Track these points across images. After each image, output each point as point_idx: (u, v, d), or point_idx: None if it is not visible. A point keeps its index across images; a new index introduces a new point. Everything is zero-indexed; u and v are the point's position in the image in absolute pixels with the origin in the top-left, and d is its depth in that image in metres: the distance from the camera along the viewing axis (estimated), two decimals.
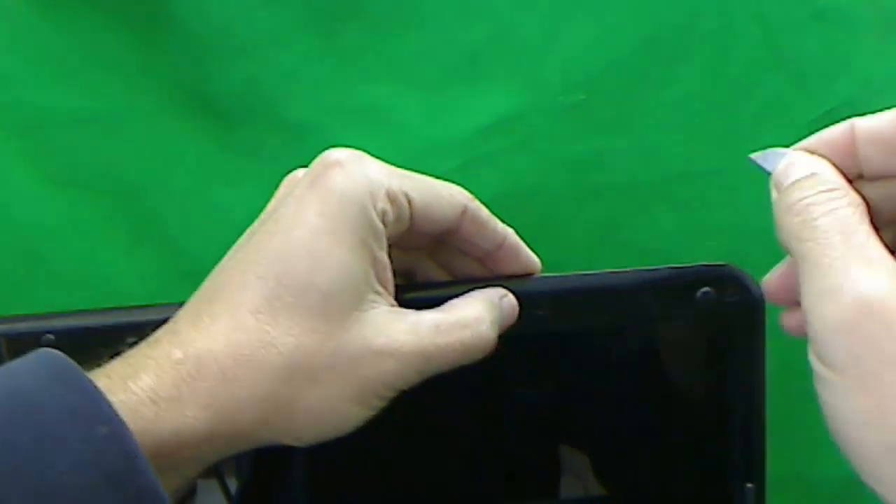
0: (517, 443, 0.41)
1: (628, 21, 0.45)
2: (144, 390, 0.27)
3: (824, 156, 0.28)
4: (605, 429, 0.42)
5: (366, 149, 0.33)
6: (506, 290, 0.34)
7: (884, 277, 0.24)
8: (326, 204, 0.30)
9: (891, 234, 0.28)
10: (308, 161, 0.32)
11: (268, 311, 0.29)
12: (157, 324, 0.30)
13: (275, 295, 0.29)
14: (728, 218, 0.45)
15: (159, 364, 0.28)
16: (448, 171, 0.44)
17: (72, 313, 0.39)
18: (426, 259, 0.36)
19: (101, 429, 0.25)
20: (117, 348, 0.30)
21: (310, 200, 0.30)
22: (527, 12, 0.45)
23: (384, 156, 0.34)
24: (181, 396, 0.28)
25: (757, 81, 0.44)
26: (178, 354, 0.28)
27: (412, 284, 0.35)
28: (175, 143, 0.46)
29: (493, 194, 0.44)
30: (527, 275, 0.35)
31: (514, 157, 0.45)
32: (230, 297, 0.30)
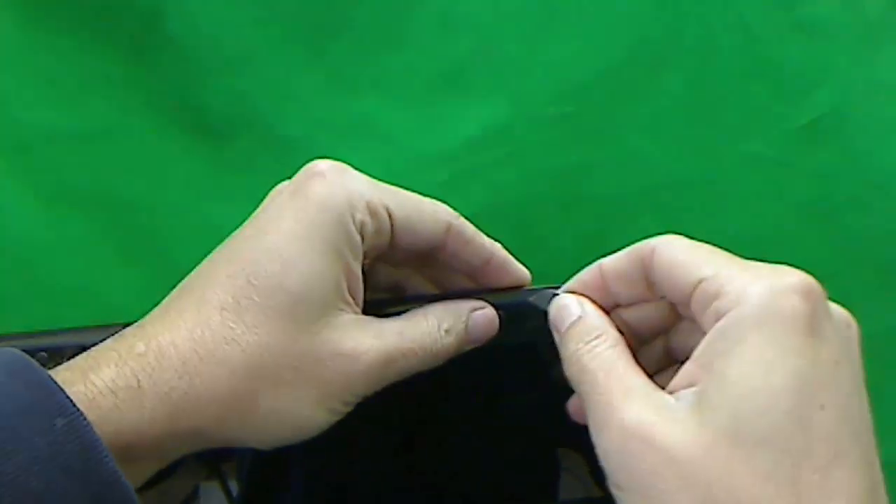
0: (515, 445, 0.41)
1: (612, 33, 0.45)
2: (104, 381, 0.27)
3: (585, 294, 0.32)
4: None
5: (355, 162, 0.33)
6: (484, 303, 0.34)
7: (640, 404, 0.27)
8: (304, 211, 0.30)
9: (660, 345, 0.32)
10: None
11: (234, 309, 0.29)
12: None
13: (243, 293, 0.29)
14: (714, 226, 0.45)
15: (121, 356, 0.28)
16: (436, 183, 0.45)
17: (65, 331, 0.39)
18: (416, 275, 0.36)
19: (59, 421, 0.25)
20: None
21: (288, 207, 0.31)
22: (511, 26, 0.45)
23: (373, 169, 0.34)
24: (140, 387, 0.28)
25: (740, 91, 0.45)
26: (140, 347, 0.28)
27: (382, 299, 0.35)
28: (166, 159, 0.46)
29: (481, 206, 0.44)
30: (517, 287, 0.35)
31: (502, 169, 0.45)
32: (199, 293, 0.30)
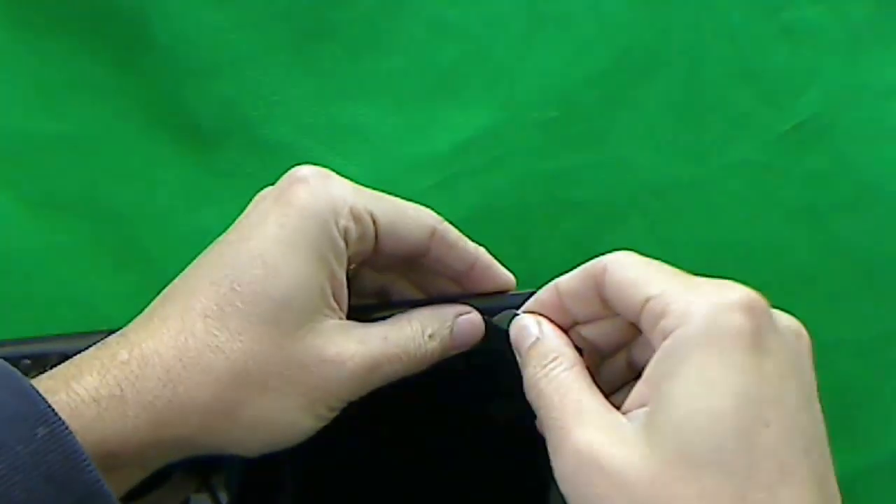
0: (505, 452, 0.41)
1: (600, 38, 0.45)
2: (87, 390, 0.27)
3: (544, 314, 0.32)
4: None
5: (343, 167, 0.33)
6: (470, 308, 0.34)
7: (592, 427, 0.28)
8: (287, 217, 0.30)
9: (623, 358, 0.32)
10: None
11: (217, 317, 0.29)
12: None
13: (226, 300, 0.29)
14: (702, 231, 0.45)
15: (104, 364, 0.28)
16: (425, 188, 0.45)
17: (49, 338, 0.38)
18: (401, 280, 0.36)
19: (41, 430, 0.25)
20: None
21: (271, 213, 0.30)
22: (500, 31, 0.45)
23: (362, 174, 0.34)
24: (123, 396, 0.27)
25: (727, 96, 0.45)
26: (124, 355, 0.28)
27: (366, 304, 0.35)
28: (154, 164, 0.46)
29: (470, 211, 0.45)
30: (501, 292, 0.35)
31: (490, 174, 0.45)
32: (182, 300, 0.30)
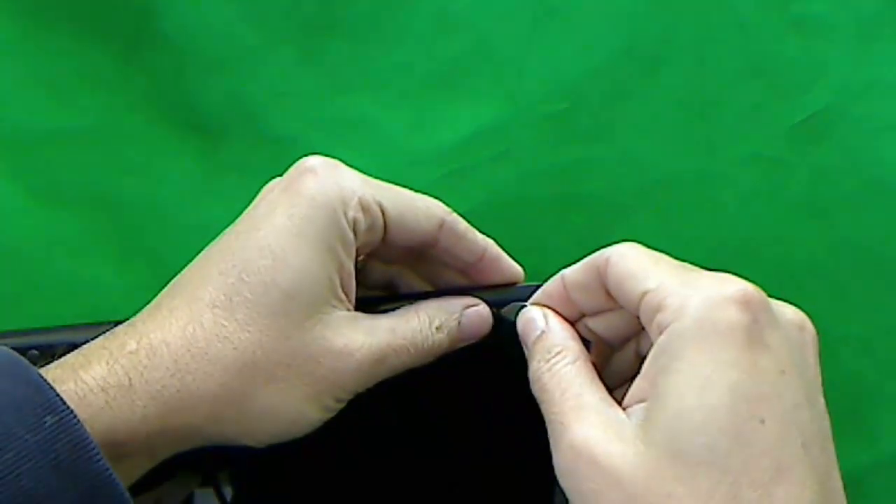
0: (512, 445, 0.41)
1: (607, 30, 0.45)
2: (95, 379, 0.27)
3: (551, 307, 0.32)
4: None
5: (349, 161, 0.33)
6: (478, 300, 0.34)
7: (590, 423, 0.28)
8: (296, 207, 0.30)
9: (631, 352, 0.32)
10: None
11: (226, 307, 0.29)
12: None
13: (234, 290, 0.29)
14: (710, 225, 0.45)
15: (112, 354, 0.28)
16: (431, 182, 0.44)
17: (56, 329, 0.39)
18: (408, 271, 0.36)
19: (49, 418, 0.25)
20: None
21: (280, 203, 0.30)
22: (506, 24, 0.45)
23: (368, 167, 0.34)
24: (132, 385, 0.27)
25: (736, 89, 0.45)
26: (132, 345, 0.28)
27: (374, 296, 0.35)
28: (159, 158, 0.46)
29: (476, 204, 0.44)
30: (510, 284, 0.35)
31: (496, 168, 0.45)
32: (191, 291, 0.30)
